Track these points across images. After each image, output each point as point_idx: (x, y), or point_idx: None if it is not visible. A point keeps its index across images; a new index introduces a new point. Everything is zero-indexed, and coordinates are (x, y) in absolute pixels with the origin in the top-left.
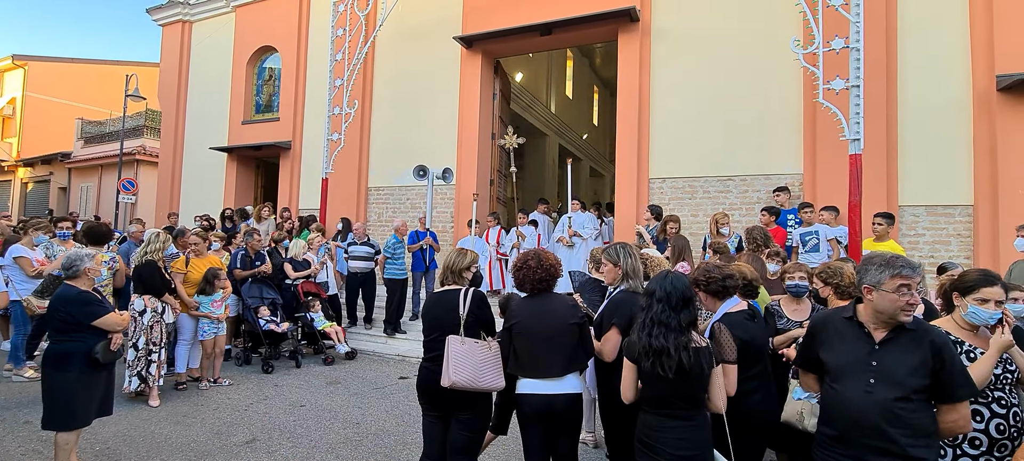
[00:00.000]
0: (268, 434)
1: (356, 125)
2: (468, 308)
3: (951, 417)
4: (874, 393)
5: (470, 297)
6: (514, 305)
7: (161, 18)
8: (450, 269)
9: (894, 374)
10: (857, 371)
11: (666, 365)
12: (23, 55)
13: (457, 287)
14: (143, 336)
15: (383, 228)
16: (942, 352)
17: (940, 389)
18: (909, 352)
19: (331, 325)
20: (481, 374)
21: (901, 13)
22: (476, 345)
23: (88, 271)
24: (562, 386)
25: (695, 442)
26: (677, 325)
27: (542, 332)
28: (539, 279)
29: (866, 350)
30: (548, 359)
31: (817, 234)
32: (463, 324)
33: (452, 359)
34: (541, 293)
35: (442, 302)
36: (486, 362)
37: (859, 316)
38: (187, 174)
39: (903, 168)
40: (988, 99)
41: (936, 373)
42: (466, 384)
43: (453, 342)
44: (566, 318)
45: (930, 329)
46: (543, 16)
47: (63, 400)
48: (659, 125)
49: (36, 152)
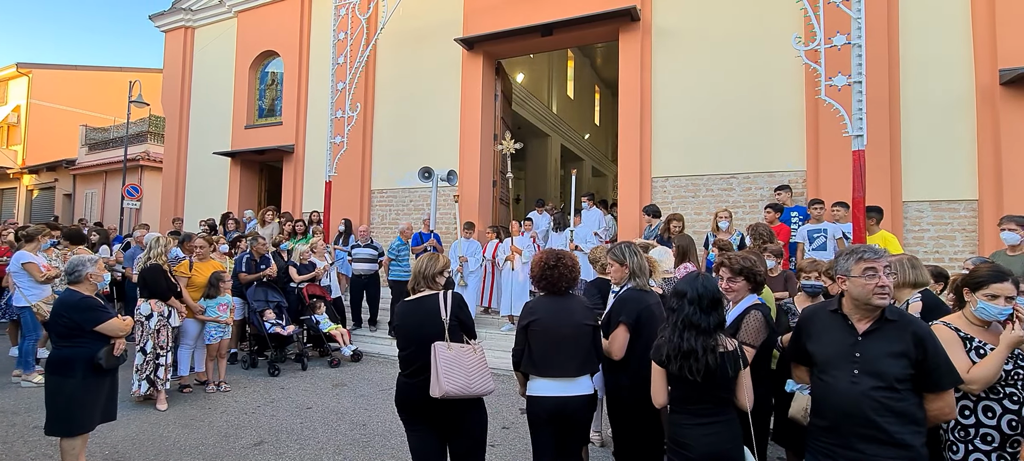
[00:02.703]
0: (276, 436)
1: (359, 128)
2: (450, 311)
3: (936, 405)
4: (859, 384)
5: (450, 300)
6: (532, 303)
7: (164, 24)
8: (423, 275)
9: (877, 365)
10: (842, 363)
11: (694, 368)
12: (27, 63)
13: (433, 291)
14: (150, 340)
15: (386, 230)
16: (924, 342)
17: (924, 378)
18: (892, 342)
19: (336, 327)
20: (472, 380)
21: (903, 8)
22: (463, 350)
23: (90, 276)
24: (577, 387)
25: (726, 438)
26: (707, 327)
27: (560, 331)
28: (558, 278)
29: (850, 342)
30: (564, 358)
31: (825, 232)
32: (447, 328)
33: (442, 367)
34: (559, 293)
35: (420, 309)
36: (475, 366)
37: (843, 308)
38: (191, 179)
39: (906, 163)
40: (991, 93)
41: (919, 363)
42: (459, 392)
43: (440, 349)
44: (583, 319)
45: (913, 320)
46: (544, 17)
47: (66, 406)
48: (661, 124)
49: (41, 159)
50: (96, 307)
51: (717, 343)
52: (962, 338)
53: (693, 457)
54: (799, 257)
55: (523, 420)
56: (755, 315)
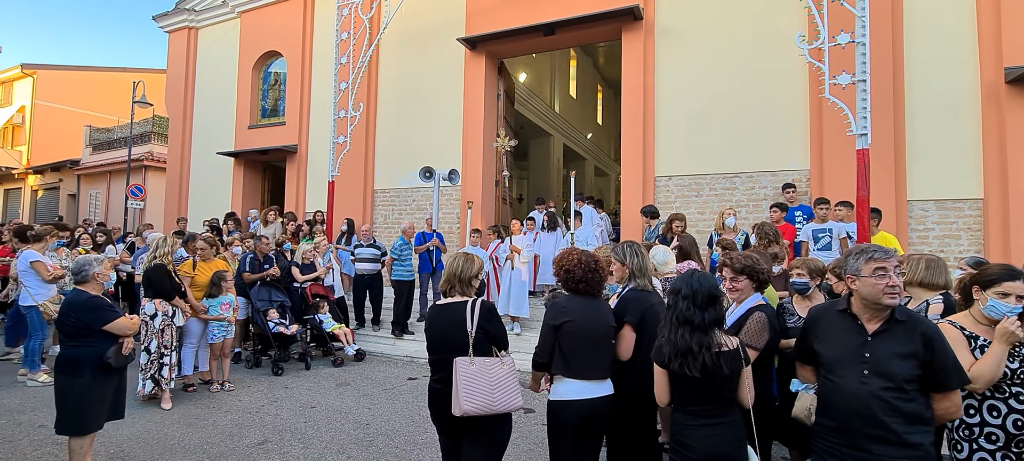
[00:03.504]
0: (279, 435)
1: (361, 128)
2: (477, 323)
3: (943, 405)
4: (869, 384)
5: (478, 310)
6: (563, 302)
7: (167, 25)
8: (458, 277)
9: (886, 365)
10: (851, 363)
11: (691, 366)
12: (32, 64)
13: (463, 299)
14: (154, 339)
15: (389, 230)
16: (933, 343)
17: (932, 379)
18: (901, 343)
19: (340, 327)
20: (495, 398)
21: (907, 6)
22: (487, 364)
23: (97, 276)
24: (604, 389)
25: (728, 439)
26: (701, 323)
27: (593, 332)
28: (599, 282)
29: (859, 342)
30: (597, 359)
31: (830, 232)
32: (472, 341)
33: (462, 386)
34: (588, 294)
35: (447, 315)
36: (500, 382)
37: (852, 308)
38: (194, 179)
39: (911, 162)
40: (997, 92)
41: (927, 363)
42: (480, 411)
43: (461, 365)
44: (610, 320)
45: (921, 321)
46: (546, 16)
47: (75, 405)
48: (664, 123)
49: (45, 160)
50: (104, 306)
51: (713, 340)
52: (967, 337)
53: (695, 458)
54: (804, 256)
55: (526, 419)
56: (758, 317)
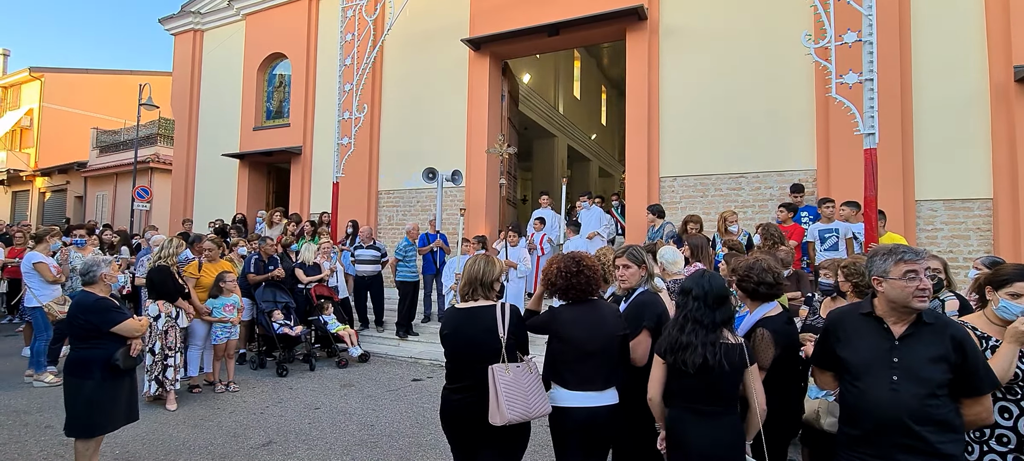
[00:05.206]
0: (284, 437)
1: (366, 129)
2: (508, 328)
3: (974, 410)
4: (900, 390)
5: (509, 314)
6: (558, 312)
7: (173, 27)
8: (480, 281)
9: (918, 370)
10: (879, 368)
11: (689, 361)
12: (40, 67)
13: (489, 302)
14: (158, 341)
15: (393, 231)
16: (963, 345)
17: (963, 382)
18: (930, 346)
19: (344, 328)
20: (531, 403)
21: (915, 5)
22: (520, 371)
23: (105, 277)
24: (605, 398)
25: (724, 442)
26: (711, 323)
27: (586, 346)
28: (584, 285)
29: (886, 346)
30: (590, 372)
31: (837, 232)
32: (504, 347)
33: (503, 394)
34: (584, 301)
35: (476, 320)
36: (532, 387)
37: (877, 311)
38: (200, 181)
39: (919, 162)
40: (1006, 91)
41: (958, 367)
42: (520, 418)
43: (499, 373)
44: (615, 329)
45: (950, 323)
46: (550, 17)
47: (85, 407)
48: (669, 123)
49: (53, 162)
50: (112, 308)
51: (718, 337)
52: (979, 337)
53: (689, 457)
54: (812, 256)
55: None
56: (760, 334)
